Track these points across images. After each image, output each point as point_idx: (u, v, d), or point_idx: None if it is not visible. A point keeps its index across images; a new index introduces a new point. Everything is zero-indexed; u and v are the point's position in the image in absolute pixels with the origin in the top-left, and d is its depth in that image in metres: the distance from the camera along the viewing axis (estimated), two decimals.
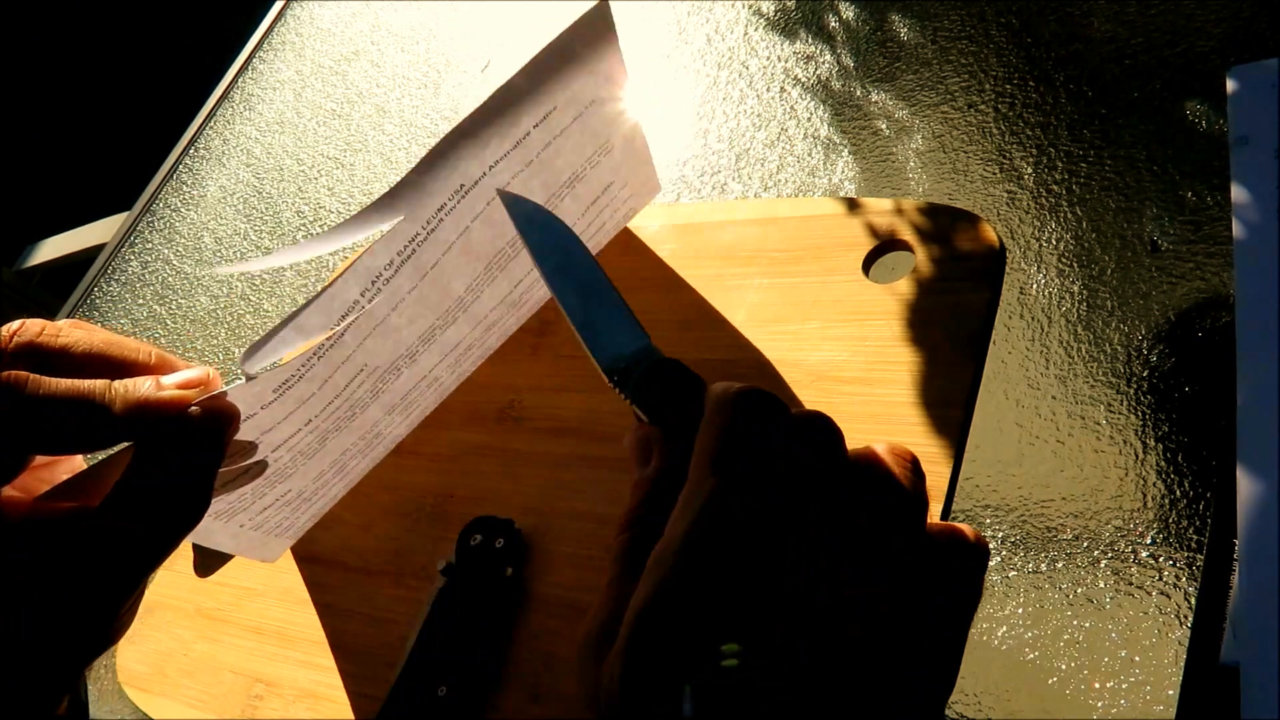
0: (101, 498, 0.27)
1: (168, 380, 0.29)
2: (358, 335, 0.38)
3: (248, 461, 0.36)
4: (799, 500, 0.23)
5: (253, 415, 0.34)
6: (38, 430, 0.26)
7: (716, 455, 0.23)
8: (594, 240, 0.48)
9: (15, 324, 0.29)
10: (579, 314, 0.28)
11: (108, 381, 0.28)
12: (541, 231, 0.30)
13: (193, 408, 0.29)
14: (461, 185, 0.37)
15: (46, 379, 0.27)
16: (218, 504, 0.37)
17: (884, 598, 0.22)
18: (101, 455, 0.30)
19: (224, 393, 0.30)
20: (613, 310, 0.28)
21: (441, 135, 0.35)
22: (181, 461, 0.28)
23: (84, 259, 1.26)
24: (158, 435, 0.28)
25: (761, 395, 0.24)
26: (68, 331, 0.29)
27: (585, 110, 0.40)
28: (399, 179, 0.34)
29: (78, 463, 0.32)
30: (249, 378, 0.32)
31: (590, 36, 0.37)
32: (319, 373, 0.37)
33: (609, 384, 0.27)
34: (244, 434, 0.34)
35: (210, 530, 0.39)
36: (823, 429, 0.24)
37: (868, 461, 0.24)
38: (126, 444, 0.29)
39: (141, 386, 0.28)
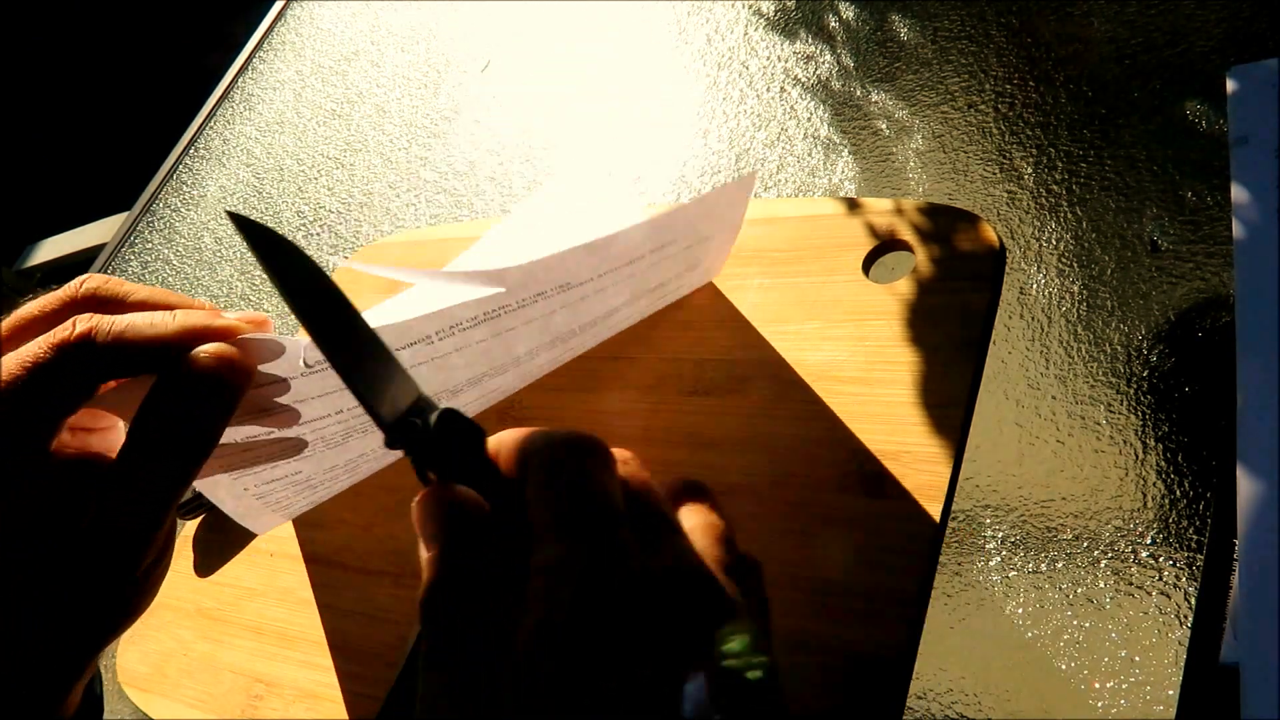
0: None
1: (229, 315, 0.31)
2: (413, 358, 0.39)
3: (283, 434, 0.36)
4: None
5: (293, 378, 0.35)
6: (101, 357, 0.28)
7: (575, 520, 0.23)
8: (633, 315, 0.47)
9: (81, 277, 0.31)
10: (350, 369, 0.25)
11: (170, 301, 0.30)
12: (292, 272, 0.27)
13: (195, 351, 0.29)
14: (567, 284, 0.39)
15: (104, 318, 0.28)
16: (234, 460, 0.38)
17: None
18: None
19: (275, 338, 0.31)
20: (385, 362, 0.26)
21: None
22: (211, 384, 0.29)
23: (84, 259, 1.26)
24: (181, 366, 0.29)
25: (576, 442, 0.25)
26: (124, 281, 0.31)
27: (697, 242, 0.41)
28: (516, 265, 0.35)
29: (117, 435, 0.33)
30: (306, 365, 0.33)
31: (737, 198, 0.40)
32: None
33: (388, 445, 0.25)
34: (285, 399, 0.35)
35: (216, 483, 0.40)
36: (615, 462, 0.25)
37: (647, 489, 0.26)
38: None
39: (198, 314, 0.30)
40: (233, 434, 0.35)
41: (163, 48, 2.06)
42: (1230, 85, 0.40)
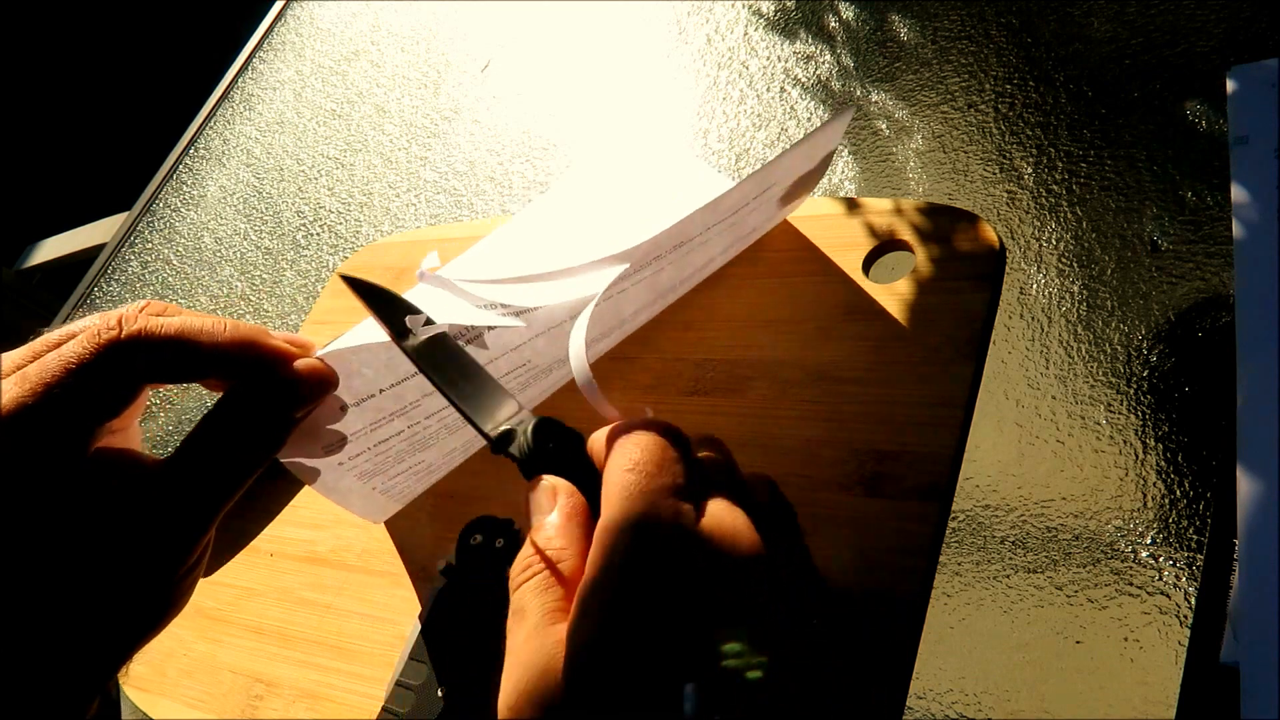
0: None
1: (278, 335, 0.31)
2: (532, 331, 0.40)
3: (332, 425, 0.37)
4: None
5: (403, 381, 0.38)
6: (151, 355, 0.28)
7: (634, 492, 0.24)
8: (722, 260, 0.48)
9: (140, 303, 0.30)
10: (455, 389, 0.29)
11: (219, 317, 0.30)
12: (390, 310, 0.31)
13: (298, 362, 0.31)
14: (679, 243, 0.39)
15: (159, 318, 0.29)
16: (363, 464, 0.41)
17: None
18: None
19: (321, 359, 0.32)
20: (482, 380, 0.29)
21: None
22: (268, 404, 0.30)
23: (84, 259, 1.26)
24: (256, 373, 0.30)
25: (657, 430, 0.25)
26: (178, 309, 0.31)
27: (791, 182, 0.42)
28: (647, 238, 0.36)
29: (132, 435, 0.32)
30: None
31: (834, 133, 0.40)
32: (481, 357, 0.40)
33: (494, 452, 0.28)
34: (405, 394, 0.38)
35: (349, 489, 0.42)
36: (716, 443, 0.26)
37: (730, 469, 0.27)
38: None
39: (249, 328, 0.30)
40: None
41: (163, 47, 2.06)
42: (1230, 85, 0.40)
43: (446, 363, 0.29)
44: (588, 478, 0.26)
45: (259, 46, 0.93)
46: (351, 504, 0.44)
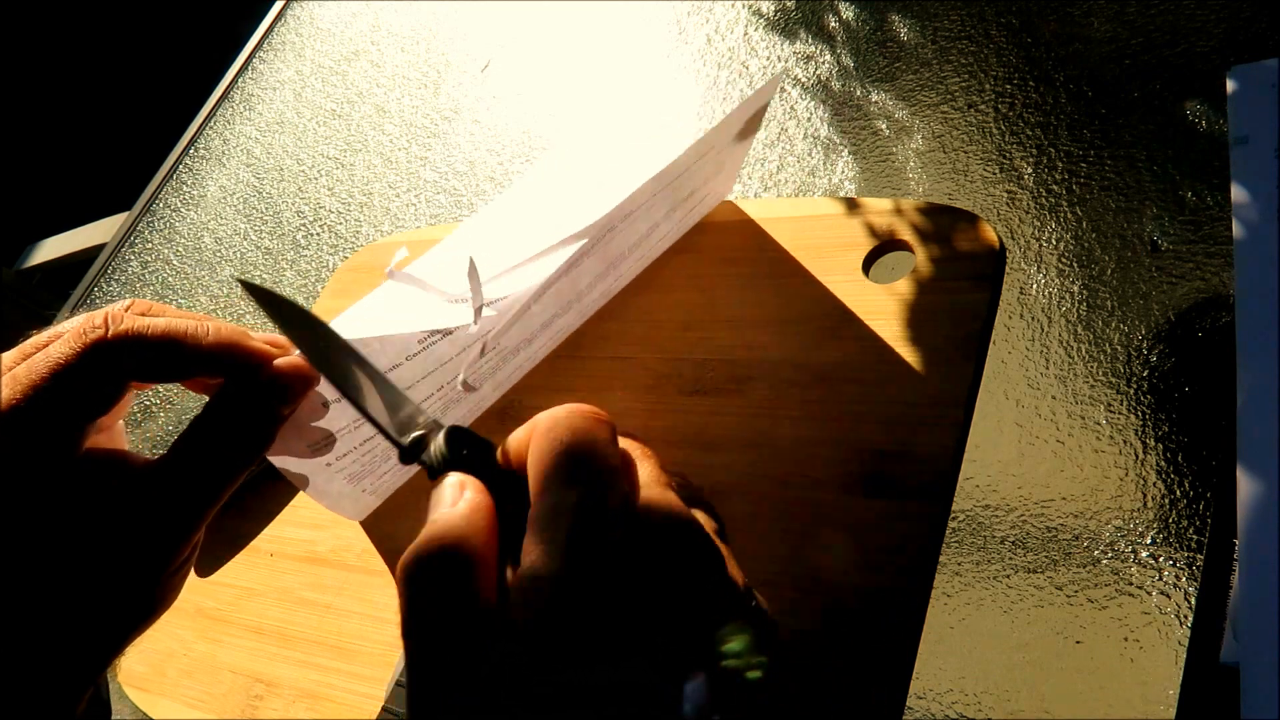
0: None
1: (259, 335, 0.32)
2: (511, 326, 0.41)
3: (316, 422, 0.37)
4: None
5: (397, 366, 0.39)
6: (137, 354, 0.28)
7: (570, 470, 0.23)
8: (668, 240, 0.49)
9: (125, 301, 0.31)
10: (363, 398, 0.28)
11: (203, 317, 0.30)
12: (298, 325, 0.31)
13: (279, 361, 0.31)
14: (630, 213, 0.40)
15: (144, 318, 0.29)
16: (351, 465, 0.42)
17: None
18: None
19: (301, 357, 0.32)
20: (389, 388, 0.29)
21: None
22: (255, 403, 0.30)
23: (84, 259, 1.26)
24: (241, 373, 0.30)
25: (571, 409, 0.25)
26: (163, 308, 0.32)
27: (724, 147, 0.43)
28: (596, 218, 0.38)
29: (117, 435, 0.33)
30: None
31: (764, 98, 0.41)
32: (445, 351, 0.41)
33: (403, 461, 0.27)
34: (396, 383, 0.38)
35: (341, 494, 0.43)
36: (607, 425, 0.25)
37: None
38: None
39: (231, 329, 0.30)
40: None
41: (163, 47, 2.06)
42: (1230, 85, 0.40)
43: (351, 372, 0.29)
44: (500, 485, 0.25)
45: (259, 46, 0.93)
46: (343, 508, 0.45)
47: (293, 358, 0.31)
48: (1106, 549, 0.33)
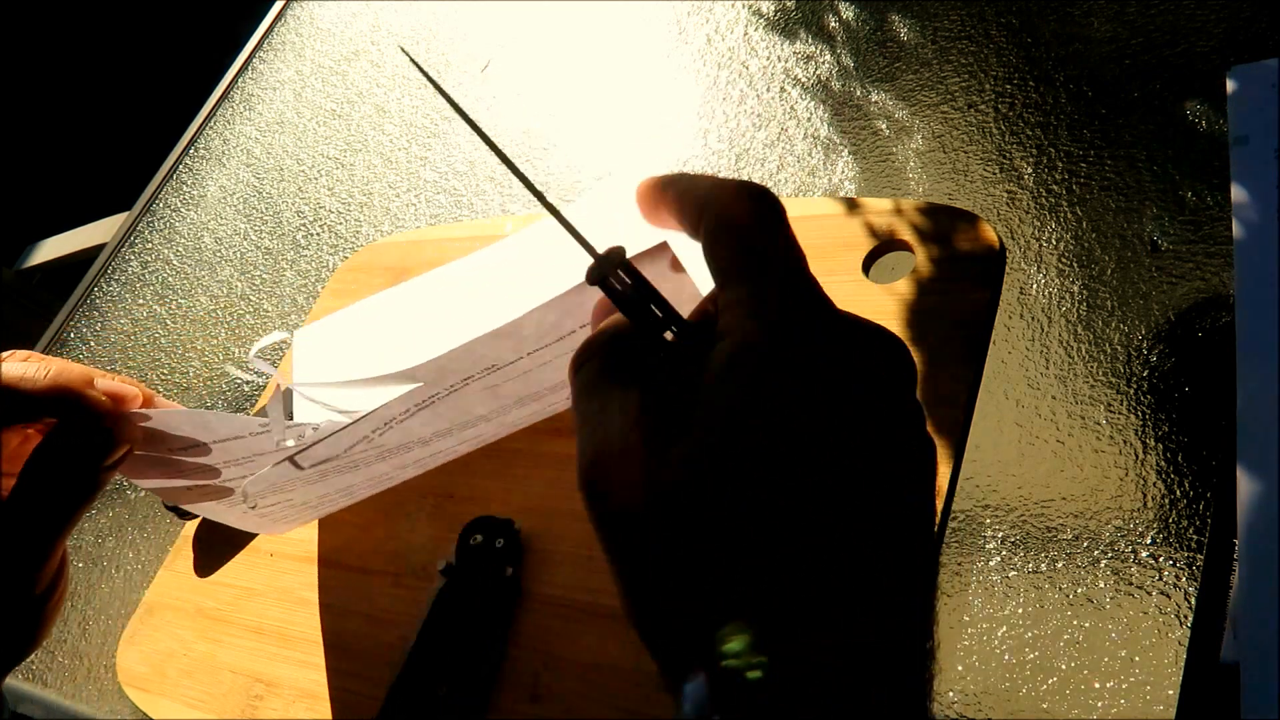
0: None
1: (101, 384, 0.33)
2: (363, 449, 0.40)
3: (209, 481, 0.39)
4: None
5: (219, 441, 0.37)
6: None
7: (760, 259, 0.22)
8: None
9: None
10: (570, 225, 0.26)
11: (47, 360, 0.32)
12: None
13: (102, 400, 0.32)
14: (493, 366, 0.37)
15: None
16: (276, 512, 0.43)
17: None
18: None
19: (144, 413, 0.33)
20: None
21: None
22: (77, 446, 0.31)
23: (84, 259, 1.26)
24: (70, 419, 0.31)
25: (745, 189, 0.24)
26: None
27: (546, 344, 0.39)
28: (425, 361, 0.35)
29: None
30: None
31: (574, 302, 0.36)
32: (320, 452, 0.39)
33: (589, 280, 0.25)
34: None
35: (244, 517, 0.43)
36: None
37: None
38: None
39: (71, 373, 0.31)
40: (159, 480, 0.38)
41: (163, 47, 2.06)
42: (1230, 85, 0.40)
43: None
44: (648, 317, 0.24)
45: (259, 46, 0.93)
46: (247, 524, 0.45)
47: (130, 411, 0.33)
48: (1106, 549, 0.33)
